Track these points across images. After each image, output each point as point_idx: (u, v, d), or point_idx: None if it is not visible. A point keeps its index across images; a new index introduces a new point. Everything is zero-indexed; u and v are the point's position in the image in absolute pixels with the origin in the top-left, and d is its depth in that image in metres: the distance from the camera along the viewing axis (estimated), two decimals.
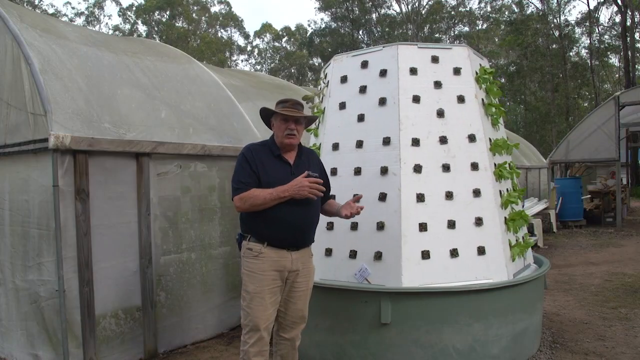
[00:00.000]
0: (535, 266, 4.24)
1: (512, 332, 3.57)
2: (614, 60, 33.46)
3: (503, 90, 4.83)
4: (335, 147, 4.04)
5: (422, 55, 3.93)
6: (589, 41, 29.08)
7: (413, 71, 3.87)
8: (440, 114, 3.80)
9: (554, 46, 28.72)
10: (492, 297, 3.47)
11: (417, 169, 3.67)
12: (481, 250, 3.58)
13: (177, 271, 4.28)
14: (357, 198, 3.11)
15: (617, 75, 34.47)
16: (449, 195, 3.65)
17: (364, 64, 4.07)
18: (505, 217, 3.82)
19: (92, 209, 3.62)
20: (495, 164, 3.90)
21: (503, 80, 31.15)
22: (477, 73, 4.04)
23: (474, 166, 3.73)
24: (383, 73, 3.94)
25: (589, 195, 13.35)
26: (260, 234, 2.84)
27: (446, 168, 3.70)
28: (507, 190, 4.05)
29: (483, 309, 3.44)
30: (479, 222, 3.62)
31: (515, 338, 3.59)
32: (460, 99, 3.86)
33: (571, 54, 29.52)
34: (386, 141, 3.76)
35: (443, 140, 3.75)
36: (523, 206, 4.53)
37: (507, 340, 3.53)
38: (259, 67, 41.11)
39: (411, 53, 3.93)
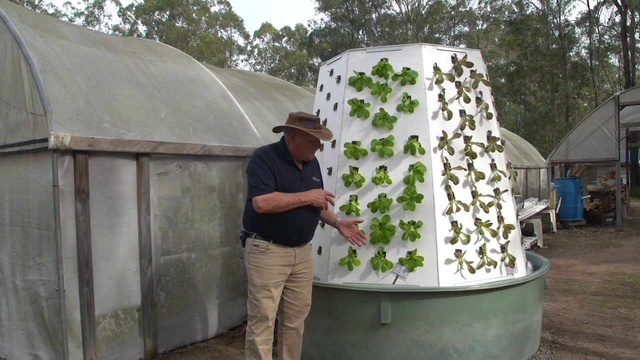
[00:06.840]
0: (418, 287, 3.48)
1: (512, 332, 3.57)
2: (614, 60, 33.50)
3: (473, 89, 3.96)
4: None
5: (326, 71, 4.33)
6: (588, 41, 29.06)
7: (321, 88, 4.37)
8: (324, 124, 4.04)
9: (553, 46, 28.67)
10: (492, 297, 3.48)
11: None
12: (319, 251, 3.85)
13: (177, 271, 4.28)
14: (357, 221, 3.37)
15: (617, 75, 34.45)
16: None
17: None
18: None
19: (92, 209, 3.62)
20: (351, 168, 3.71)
21: (503, 80, 31.16)
22: (358, 74, 3.85)
23: (329, 171, 3.90)
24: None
25: (589, 195, 13.35)
26: (265, 232, 2.99)
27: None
28: (378, 195, 3.61)
29: (483, 309, 3.44)
30: (322, 224, 3.78)
31: (515, 338, 3.59)
32: (335, 107, 4.02)
33: (571, 54, 29.46)
34: None
35: (320, 148, 3.97)
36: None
37: (507, 340, 3.53)
38: (259, 67, 41.15)
39: (324, 72, 4.38)
